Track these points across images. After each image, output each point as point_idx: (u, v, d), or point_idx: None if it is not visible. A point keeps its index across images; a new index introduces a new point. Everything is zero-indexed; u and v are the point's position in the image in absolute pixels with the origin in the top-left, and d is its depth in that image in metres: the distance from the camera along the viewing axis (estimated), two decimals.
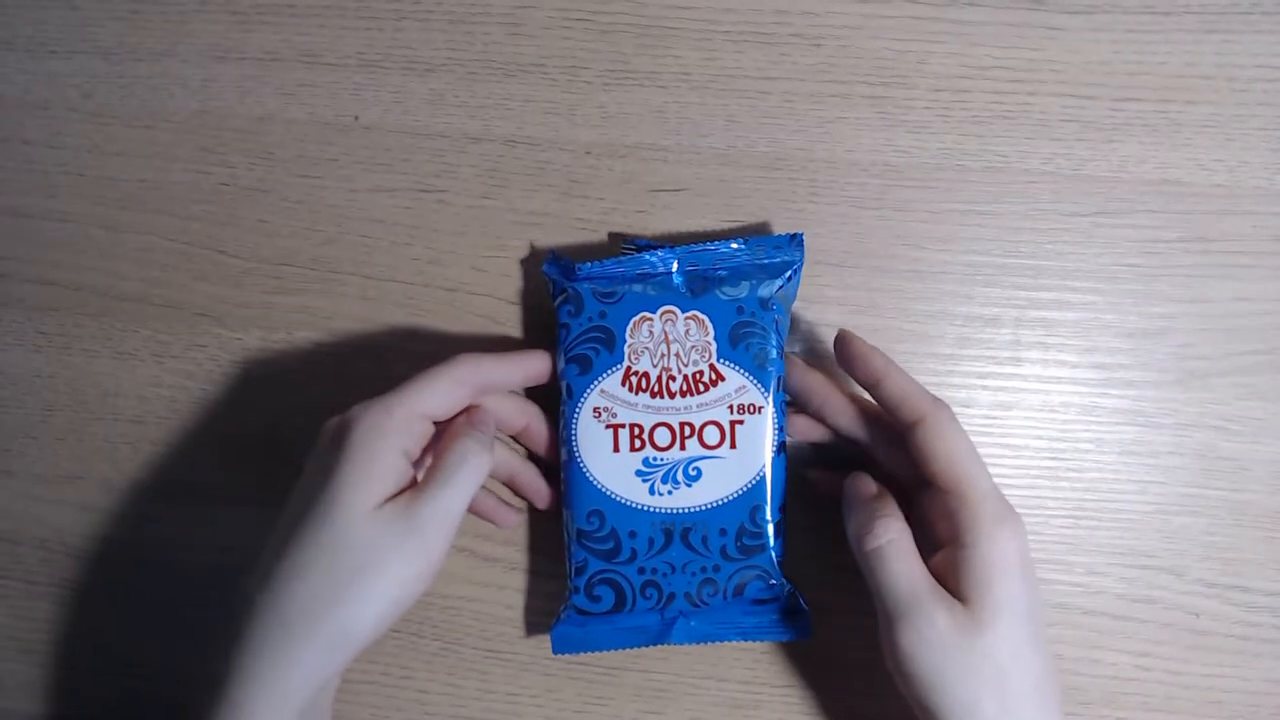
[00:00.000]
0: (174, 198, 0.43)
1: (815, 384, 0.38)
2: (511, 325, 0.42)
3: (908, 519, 0.35)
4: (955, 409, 0.41)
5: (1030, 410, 0.41)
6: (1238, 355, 0.41)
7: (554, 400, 0.39)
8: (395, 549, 0.32)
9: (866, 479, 0.37)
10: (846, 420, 0.38)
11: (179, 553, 0.43)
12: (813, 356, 0.41)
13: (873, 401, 0.37)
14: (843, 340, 0.36)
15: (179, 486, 0.43)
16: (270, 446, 0.42)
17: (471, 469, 0.34)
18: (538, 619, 0.42)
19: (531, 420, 0.39)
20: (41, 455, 0.44)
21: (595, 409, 0.38)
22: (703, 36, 0.42)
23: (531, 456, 0.41)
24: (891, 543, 0.34)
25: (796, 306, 0.41)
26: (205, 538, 0.43)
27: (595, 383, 0.38)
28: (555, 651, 0.38)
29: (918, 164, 0.41)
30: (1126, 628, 0.41)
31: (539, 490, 0.40)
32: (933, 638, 0.32)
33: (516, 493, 0.41)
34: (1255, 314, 0.41)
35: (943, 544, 0.34)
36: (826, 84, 0.41)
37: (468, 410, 0.37)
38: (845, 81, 0.41)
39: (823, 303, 0.41)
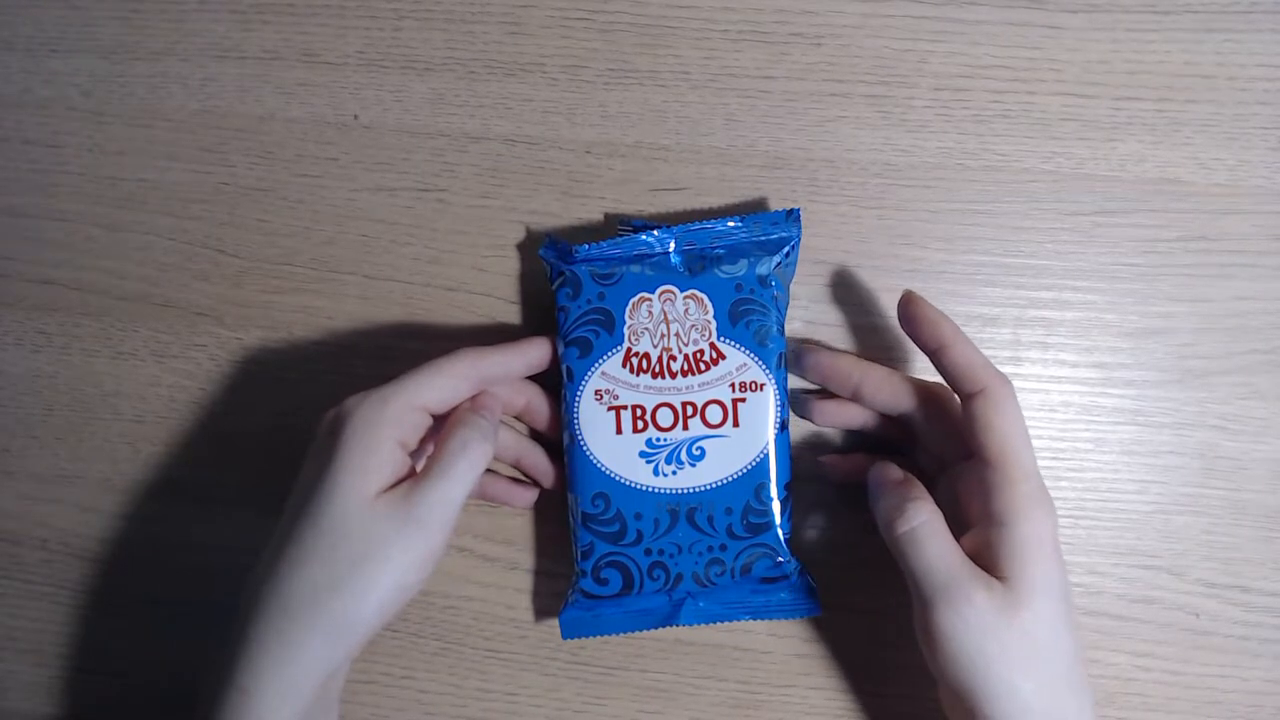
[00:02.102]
0: (174, 197, 0.43)
1: (848, 363, 0.38)
2: (512, 324, 0.42)
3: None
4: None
5: (1030, 410, 0.41)
6: (1238, 354, 0.41)
7: (556, 384, 0.39)
8: (394, 538, 0.33)
9: (891, 465, 0.37)
10: (888, 394, 0.37)
11: (179, 553, 0.43)
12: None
13: (906, 375, 0.37)
14: (911, 302, 0.36)
15: (179, 486, 0.43)
16: (270, 446, 0.42)
17: (471, 458, 0.34)
18: (538, 618, 0.42)
19: (531, 398, 0.39)
20: (41, 455, 0.43)
21: (597, 391, 0.38)
22: (702, 35, 0.42)
23: (535, 435, 0.41)
24: (925, 524, 0.33)
25: (794, 306, 0.41)
26: (205, 538, 0.43)
27: (596, 365, 0.38)
28: (564, 636, 0.38)
29: (918, 163, 0.41)
30: (1127, 628, 0.41)
31: (544, 470, 0.40)
32: (972, 617, 0.32)
33: (524, 473, 0.41)
34: (1256, 313, 0.41)
35: (973, 522, 0.34)
36: (826, 83, 0.41)
37: (474, 396, 0.37)
38: (845, 80, 0.41)
39: (823, 302, 0.41)
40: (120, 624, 0.43)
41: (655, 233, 0.38)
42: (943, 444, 0.37)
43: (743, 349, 0.38)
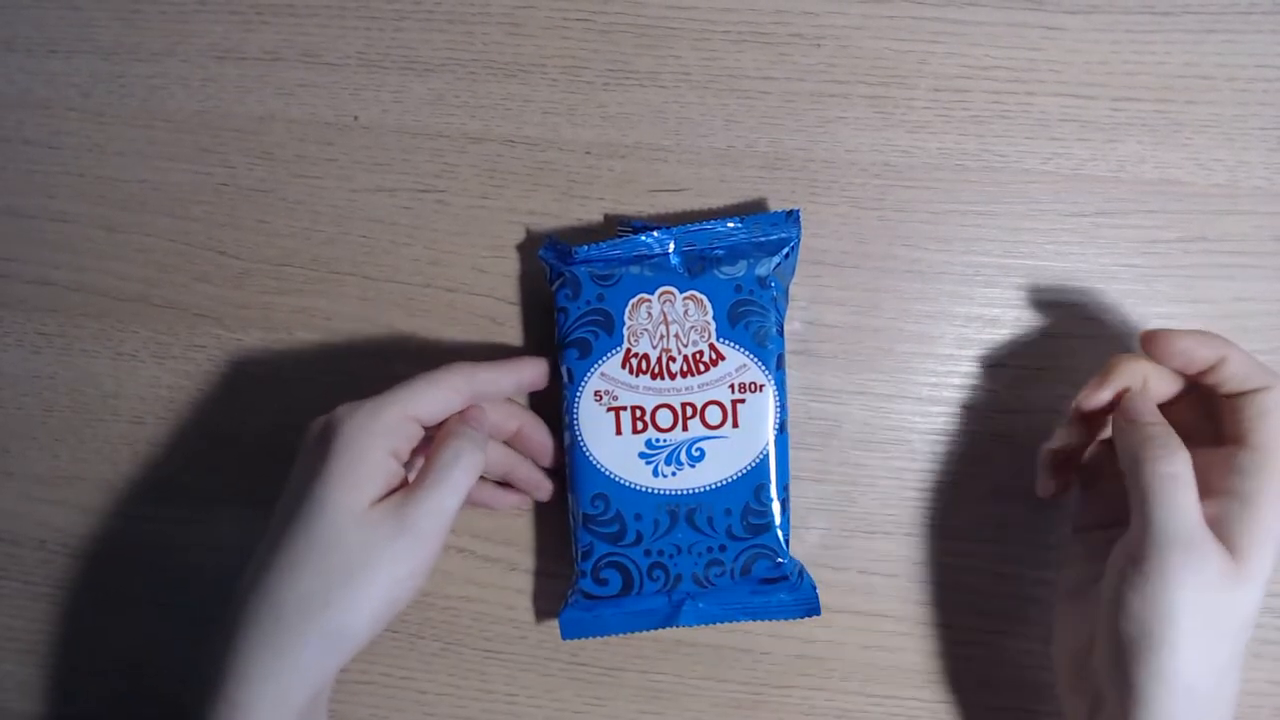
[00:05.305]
0: (174, 198, 0.43)
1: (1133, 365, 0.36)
2: (511, 325, 0.42)
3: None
4: (955, 409, 0.41)
5: None
6: None
7: (555, 385, 0.39)
8: (387, 549, 0.32)
9: (1149, 400, 0.36)
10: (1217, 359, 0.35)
11: (179, 553, 0.43)
12: (810, 354, 0.41)
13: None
14: (1171, 336, 0.35)
15: (179, 487, 0.43)
16: (270, 447, 0.42)
17: (464, 468, 0.34)
18: (538, 619, 0.42)
19: (524, 425, 0.39)
20: (41, 456, 0.44)
21: (596, 392, 0.38)
22: (702, 36, 0.42)
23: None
24: (1184, 474, 0.33)
25: (794, 306, 0.41)
26: (205, 538, 0.43)
27: (595, 366, 0.38)
28: (564, 637, 0.38)
29: (917, 164, 0.41)
30: None
31: (536, 481, 0.40)
32: (1201, 577, 0.31)
33: (516, 487, 0.41)
34: (1255, 314, 0.41)
35: (1210, 494, 0.34)
36: (826, 84, 0.41)
37: (464, 410, 0.37)
38: (845, 81, 0.41)
39: (823, 303, 0.41)
40: (119, 624, 0.43)
41: (655, 234, 0.38)
42: (1191, 421, 0.36)
43: (742, 350, 0.38)
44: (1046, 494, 0.38)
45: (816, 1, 0.41)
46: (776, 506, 0.38)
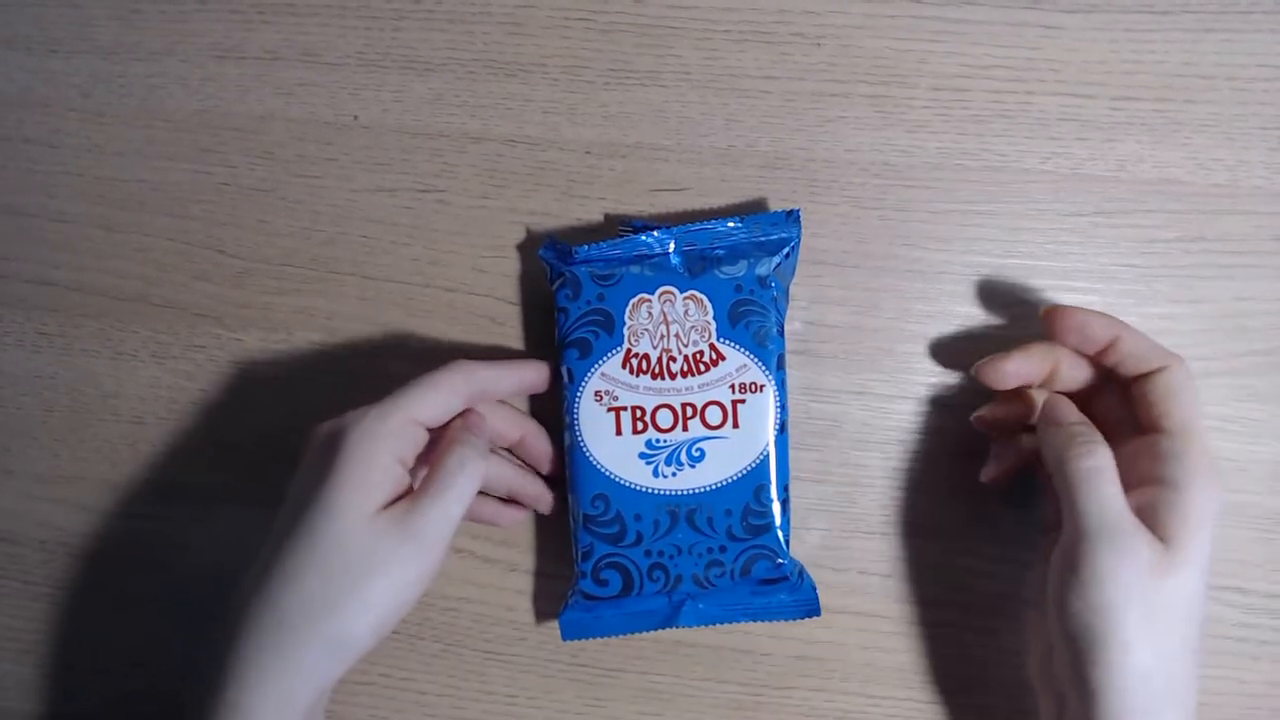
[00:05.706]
0: (174, 197, 0.43)
1: (1042, 353, 0.37)
2: (512, 325, 0.42)
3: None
4: (955, 410, 0.41)
5: None
6: (1236, 356, 0.41)
7: (556, 385, 0.39)
8: (393, 555, 0.32)
9: (1069, 402, 0.36)
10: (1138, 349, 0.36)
11: (179, 553, 0.43)
12: (810, 354, 0.41)
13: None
14: (1064, 313, 0.36)
15: (179, 487, 0.43)
16: (270, 447, 0.42)
17: (469, 475, 0.34)
18: (538, 620, 0.42)
19: (527, 434, 0.39)
20: (41, 455, 0.43)
21: (597, 392, 0.38)
22: (703, 36, 0.42)
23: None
24: (1106, 467, 0.33)
25: (794, 306, 0.41)
26: (205, 538, 0.43)
27: (596, 366, 0.38)
28: (564, 638, 0.38)
29: (917, 163, 0.41)
30: None
31: (539, 494, 0.40)
32: (1132, 567, 0.31)
33: (520, 502, 0.41)
34: (1254, 314, 0.41)
35: (1139, 484, 0.34)
36: (827, 83, 0.41)
37: (463, 415, 0.37)
38: (845, 81, 0.41)
39: (823, 303, 0.41)
40: (119, 623, 0.43)
41: (655, 233, 0.38)
42: (1115, 414, 0.37)
43: (742, 350, 0.38)
44: (988, 478, 0.39)
45: (817, 1, 0.41)
46: (777, 507, 0.38)
